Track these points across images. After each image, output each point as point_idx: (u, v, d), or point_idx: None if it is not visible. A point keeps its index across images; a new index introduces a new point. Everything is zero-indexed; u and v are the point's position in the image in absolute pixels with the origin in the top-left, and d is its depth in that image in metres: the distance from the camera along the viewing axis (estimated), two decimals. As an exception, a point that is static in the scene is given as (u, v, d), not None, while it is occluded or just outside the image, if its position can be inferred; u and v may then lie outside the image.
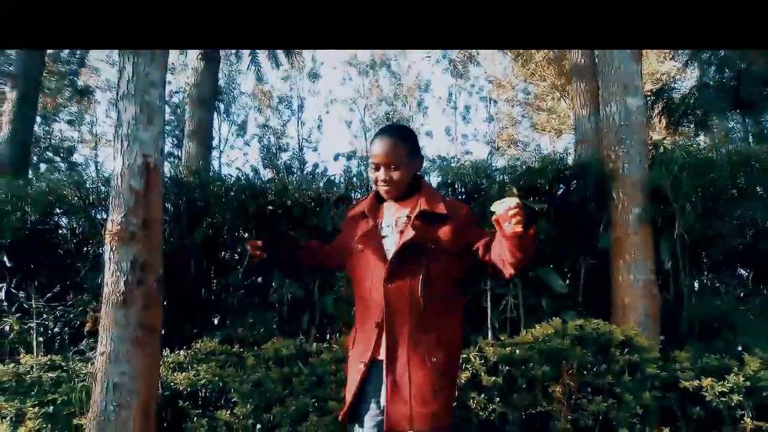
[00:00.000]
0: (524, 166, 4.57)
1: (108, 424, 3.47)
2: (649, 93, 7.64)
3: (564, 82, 15.66)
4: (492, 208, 2.10)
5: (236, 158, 31.61)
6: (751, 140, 13.78)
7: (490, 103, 28.08)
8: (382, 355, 2.30)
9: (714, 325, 4.27)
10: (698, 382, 3.79)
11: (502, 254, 2.26)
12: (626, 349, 3.88)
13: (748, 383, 3.73)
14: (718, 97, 6.94)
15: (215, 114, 9.43)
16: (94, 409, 3.52)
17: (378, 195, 2.53)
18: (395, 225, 2.44)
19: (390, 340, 2.31)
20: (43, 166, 19.68)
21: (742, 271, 4.62)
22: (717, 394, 3.73)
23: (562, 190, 4.62)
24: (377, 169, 2.42)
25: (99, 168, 21.11)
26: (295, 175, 6.03)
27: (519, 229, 2.05)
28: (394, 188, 2.43)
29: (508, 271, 2.27)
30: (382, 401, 2.29)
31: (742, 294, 4.33)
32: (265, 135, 27.49)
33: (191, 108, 8.65)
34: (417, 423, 2.25)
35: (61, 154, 21.09)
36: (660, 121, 7.84)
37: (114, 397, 3.49)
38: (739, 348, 4.08)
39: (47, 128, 20.55)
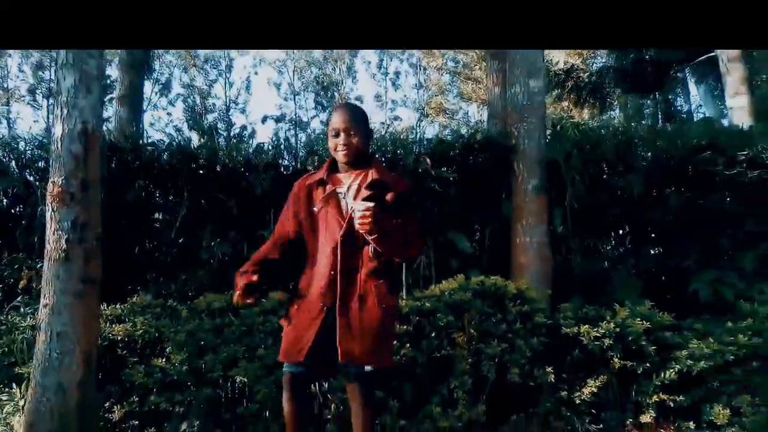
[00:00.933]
0: (437, 140, 5.07)
1: (52, 370, 3.77)
2: (561, 71, 8.28)
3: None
4: (354, 207, 2.59)
5: (159, 118, 30.90)
6: (660, 117, 14.89)
7: (419, 70, 28.50)
8: (339, 300, 2.68)
9: (595, 282, 4.94)
10: (577, 329, 4.43)
11: None
12: (519, 302, 4.46)
13: (618, 329, 4.39)
14: (618, 78, 7.62)
15: (144, 76, 9.44)
16: (38, 357, 3.81)
17: (332, 165, 2.91)
18: (348, 191, 2.79)
19: (344, 287, 2.69)
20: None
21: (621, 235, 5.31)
22: (592, 338, 4.38)
23: (470, 161, 5.13)
24: (337, 135, 2.78)
25: (11, 125, 20.30)
26: (223, 139, 6.29)
27: (364, 229, 2.53)
28: (352, 153, 2.79)
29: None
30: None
31: (619, 255, 5.00)
32: (191, 95, 27.01)
33: (121, 72, 8.68)
34: (367, 359, 2.66)
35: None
36: (570, 98, 8.51)
37: (57, 345, 3.79)
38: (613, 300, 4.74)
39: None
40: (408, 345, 4.31)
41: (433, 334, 4.40)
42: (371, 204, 2.53)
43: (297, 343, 2.71)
